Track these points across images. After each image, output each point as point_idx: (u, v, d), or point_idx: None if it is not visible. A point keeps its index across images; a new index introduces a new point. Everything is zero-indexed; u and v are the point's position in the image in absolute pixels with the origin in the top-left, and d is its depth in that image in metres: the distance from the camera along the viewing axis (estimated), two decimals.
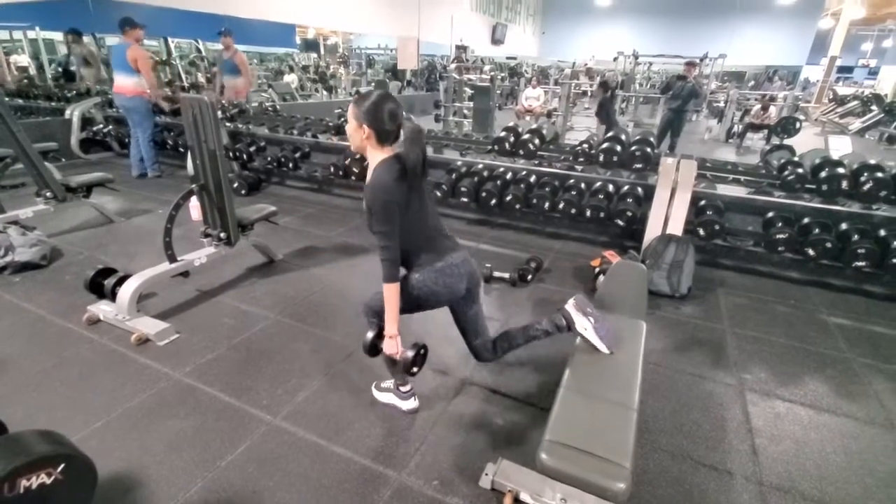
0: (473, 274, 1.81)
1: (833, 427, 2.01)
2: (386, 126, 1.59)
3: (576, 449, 1.29)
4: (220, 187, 2.76)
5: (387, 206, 1.56)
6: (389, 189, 1.56)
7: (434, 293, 1.71)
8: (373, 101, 1.57)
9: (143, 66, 4.85)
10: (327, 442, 1.82)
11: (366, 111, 1.57)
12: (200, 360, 2.27)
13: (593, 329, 1.76)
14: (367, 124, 1.58)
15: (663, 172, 3.28)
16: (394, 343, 1.70)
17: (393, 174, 1.58)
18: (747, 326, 2.77)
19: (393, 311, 1.66)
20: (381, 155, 1.63)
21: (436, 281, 1.69)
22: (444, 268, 1.70)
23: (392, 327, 1.68)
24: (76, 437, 1.78)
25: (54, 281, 2.99)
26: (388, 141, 1.63)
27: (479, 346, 1.96)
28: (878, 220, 3.23)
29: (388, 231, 1.58)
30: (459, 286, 1.75)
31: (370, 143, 1.62)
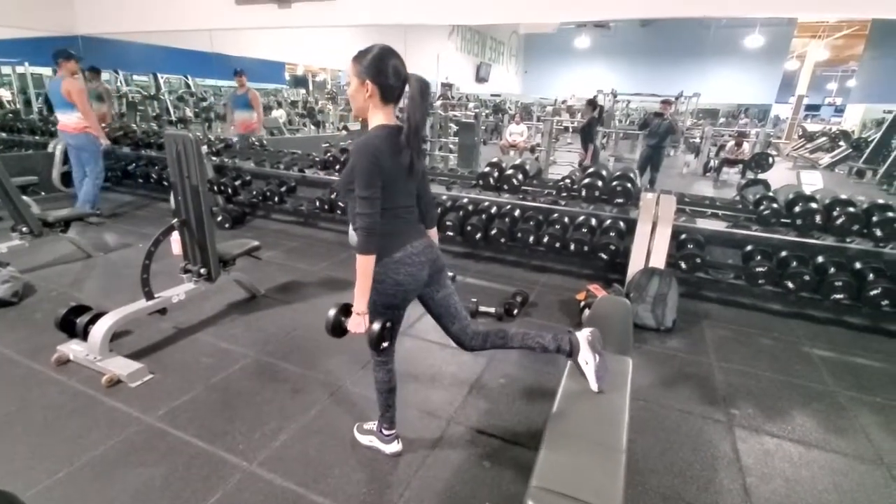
0: (436, 260, 1.70)
1: (823, 464, 1.99)
2: (390, 81, 1.47)
3: (564, 495, 1.25)
4: (202, 223, 2.73)
5: (372, 168, 1.44)
6: (379, 151, 1.46)
7: (398, 283, 1.59)
8: (375, 55, 1.46)
9: (77, 98, 4.55)
10: (306, 490, 1.73)
11: (368, 65, 1.46)
12: (174, 403, 2.17)
13: (595, 367, 1.70)
14: (371, 79, 1.46)
15: (644, 207, 3.35)
16: (361, 321, 1.54)
17: (388, 139, 1.49)
18: (733, 360, 2.77)
19: (363, 285, 1.51)
20: (381, 118, 1.52)
21: (396, 270, 1.57)
22: (404, 258, 1.58)
23: (361, 304, 1.53)
24: (37, 489, 1.67)
25: (24, 319, 2.88)
26: (392, 99, 1.52)
27: (457, 331, 1.80)
28: (852, 253, 3.31)
29: (369, 196, 1.45)
30: (422, 274, 1.64)
31: (373, 103, 1.50)
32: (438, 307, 1.77)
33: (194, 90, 10.66)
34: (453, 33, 17.42)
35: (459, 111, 10.38)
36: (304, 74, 15.36)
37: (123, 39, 7.84)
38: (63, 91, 4.50)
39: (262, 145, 6.28)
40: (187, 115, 9.91)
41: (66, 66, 4.55)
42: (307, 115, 12.00)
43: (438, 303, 1.76)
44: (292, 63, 14.03)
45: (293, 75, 14.79)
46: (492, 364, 2.60)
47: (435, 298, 1.75)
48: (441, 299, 1.76)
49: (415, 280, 1.63)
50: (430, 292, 1.74)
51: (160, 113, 9.66)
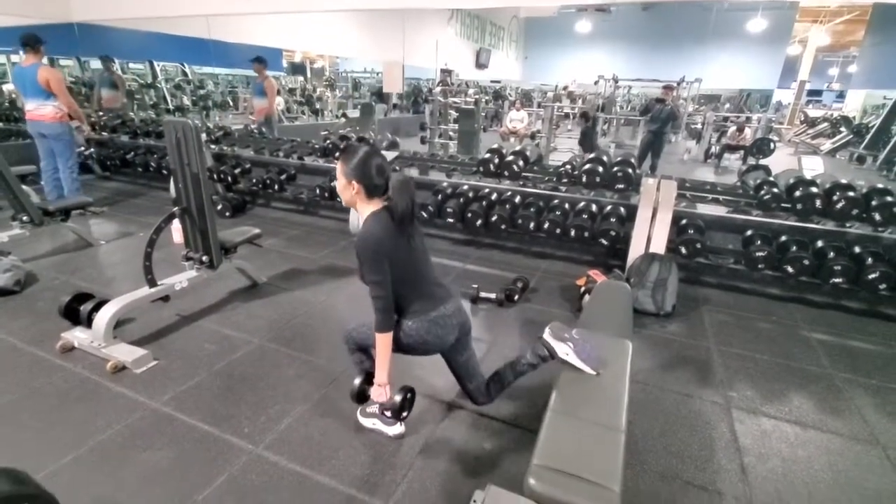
0: (465, 323, 1.84)
1: (819, 444, 2.02)
2: (374, 181, 1.63)
3: (564, 473, 1.27)
4: (203, 210, 2.73)
5: (376, 256, 1.59)
6: (379, 240, 1.59)
7: (424, 342, 1.72)
8: (360, 159, 1.62)
9: (56, 87, 4.35)
10: (311, 471, 1.76)
11: (354, 168, 1.62)
12: (179, 388, 2.20)
13: (574, 353, 1.76)
14: (357, 180, 1.62)
15: (645, 193, 3.35)
16: (383, 391, 1.71)
17: (382, 225, 1.62)
18: (732, 343, 2.79)
19: (384, 359, 1.67)
20: (370, 208, 1.67)
21: (428, 330, 1.70)
22: (438, 318, 1.71)
23: (382, 375, 1.69)
24: (45, 473, 1.70)
25: (27, 307, 2.90)
26: (377, 194, 1.67)
27: (473, 390, 1.96)
28: (851, 238, 3.32)
29: (379, 281, 1.60)
30: (449, 337, 1.77)
31: (360, 198, 1.66)
32: (460, 368, 1.92)
33: (191, 78, 10.57)
34: (452, 18, 17.18)
35: (459, 98, 10.30)
36: (302, 61, 15.21)
37: (119, 26, 7.75)
38: (41, 79, 4.25)
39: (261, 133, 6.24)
40: (185, 104, 9.84)
41: (39, 53, 4.32)
42: (305, 102, 11.90)
43: (462, 365, 1.91)
44: (290, 50, 13.87)
45: (291, 62, 14.64)
46: (493, 349, 2.62)
47: (458, 361, 1.90)
48: (464, 362, 1.91)
49: (441, 342, 1.76)
50: (455, 355, 1.88)
51: (157, 101, 9.59)
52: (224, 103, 10.74)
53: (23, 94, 4.53)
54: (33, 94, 4.35)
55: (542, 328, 1.92)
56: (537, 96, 15.34)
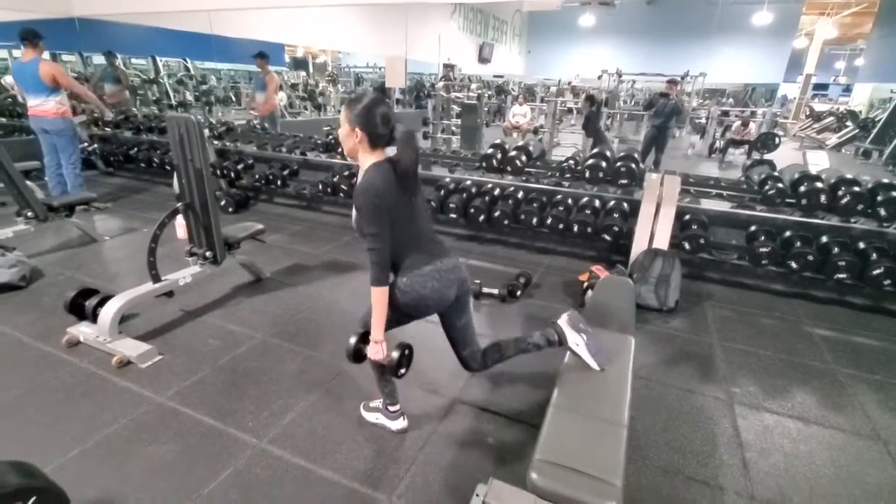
0: (464, 282, 1.77)
1: (821, 439, 2.02)
2: (378, 130, 1.56)
3: (566, 468, 1.28)
4: (207, 206, 2.74)
5: (376, 209, 1.53)
6: (379, 192, 1.53)
7: (422, 297, 1.66)
8: (365, 105, 1.55)
9: (64, 80, 4.40)
10: (314, 465, 1.77)
11: (358, 115, 1.55)
12: (184, 383, 2.21)
13: (585, 346, 1.75)
14: (360, 128, 1.55)
15: (648, 188, 3.33)
16: (379, 348, 1.64)
17: (383, 177, 1.56)
18: (735, 339, 2.79)
19: (380, 315, 1.61)
20: (372, 158, 1.61)
21: (424, 285, 1.64)
22: (433, 272, 1.65)
23: (378, 332, 1.63)
24: (52, 466, 1.72)
25: (33, 302, 2.92)
26: (381, 144, 1.60)
27: (467, 356, 1.90)
28: (856, 233, 3.30)
29: (377, 233, 1.54)
30: (448, 292, 1.71)
31: (362, 147, 1.60)
32: (457, 332, 1.87)
33: (194, 73, 10.56)
34: (455, 13, 17.08)
35: (462, 93, 10.26)
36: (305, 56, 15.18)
37: (121, 21, 7.74)
38: (43, 75, 4.25)
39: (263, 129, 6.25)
40: (187, 99, 9.84)
41: (40, 48, 4.30)
42: (308, 97, 11.89)
43: (459, 328, 1.86)
44: (292, 45, 13.84)
45: (293, 57, 14.62)
46: None
47: (457, 324, 1.85)
48: (462, 326, 1.86)
49: (440, 297, 1.70)
50: (452, 316, 1.83)
51: (160, 97, 9.59)
52: (227, 98, 10.74)
53: (24, 91, 4.51)
54: (35, 91, 4.34)
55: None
56: (540, 91, 15.27)
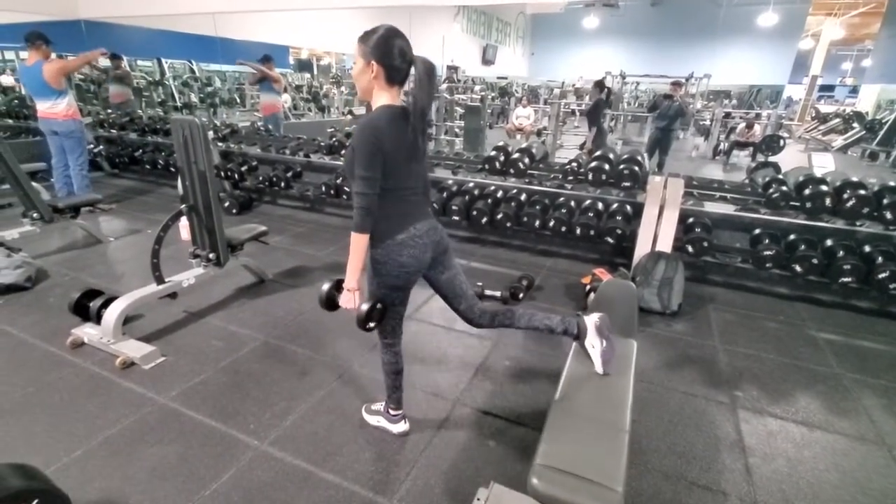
0: (440, 242, 1.70)
1: (825, 444, 2.01)
2: (396, 62, 1.45)
3: (567, 473, 1.27)
4: (210, 208, 2.75)
5: (373, 147, 1.44)
6: (381, 132, 1.45)
7: (401, 265, 1.60)
8: (381, 35, 1.44)
9: (71, 66, 4.45)
10: (316, 468, 1.78)
11: (374, 46, 1.44)
12: (186, 384, 2.22)
13: (601, 351, 1.72)
14: (376, 60, 1.45)
15: (651, 191, 3.32)
16: (352, 297, 1.58)
17: (390, 119, 1.47)
18: (738, 343, 2.78)
19: (356, 262, 1.54)
20: (386, 98, 1.51)
21: (400, 252, 1.58)
22: (406, 239, 1.58)
23: (352, 280, 1.56)
24: (56, 466, 1.73)
25: (38, 303, 2.94)
26: (398, 80, 1.50)
27: (465, 310, 1.81)
28: (861, 237, 3.28)
29: (369, 177, 1.46)
30: (425, 256, 1.64)
31: (378, 84, 1.49)
32: (445, 288, 1.79)
33: (199, 75, 10.62)
34: (459, 14, 17.11)
35: (465, 94, 10.27)
36: (309, 58, 15.22)
37: (127, 24, 7.80)
38: (47, 77, 4.26)
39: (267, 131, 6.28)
40: (192, 101, 9.89)
41: (42, 50, 4.30)
42: (312, 99, 11.92)
43: (444, 284, 1.78)
44: (296, 47, 13.89)
45: (298, 59, 14.66)
46: (497, 347, 2.63)
47: (441, 280, 1.77)
48: (447, 280, 1.77)
49: (418, 262, 1.63)
50: (435, 274, 1.76)
51: (165, 99, 9.65)
52: (231, 100, 10.78)
53: (32, 94, 4.56)
54: (42, 94, 4.39)
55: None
56: (544, 93, 15.26)
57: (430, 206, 1.78)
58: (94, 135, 6.30)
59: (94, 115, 6.59)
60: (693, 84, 12.26)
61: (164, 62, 10.12)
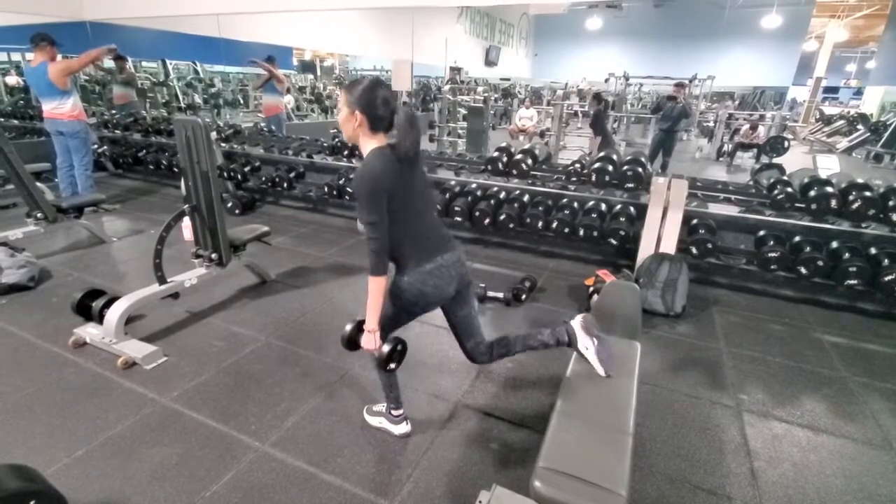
0: (464, 276, 1.74)
1: (832, 448, 1.98)
2: (379, 112, 1.52)
3: (570, 476, 1.26)
4: (213, 208, 2.75)
5: (374, 195, 1.48)
6: (377, 177, 1.49)
7: (423, 294, 1.63)
8: (365, 87, 1.52)
9: (76, 66, 4.46)
10: (317, 469, 1.77)
11: (358, 97, 1.51)
12: (188, 385, 2.22)
13: (595, 351, 1.71)
14: (360, 110, 1.51)
15: (655, 192, 3.31)
16: (372, 338, 1.61)
17: (383, 163, 1.51)
18: (743, 345, 2.76)
19: (375, 304, 1.58)
20: (373, 143, 1.56)
21: (424, 282, 1.62)
22: (434, 269, 1.62)
23: (372, 321, 1.60)
24: (56, 467, 1.73)
25: (41, 303, 2.94)
26: (382, 128, 1.56)
27: (471, 348, 1.85)
28: (867, 239, 3.25)
29: (376, 221, 1.50)
30: (449, 288, 1.68)
31: (362, 131, 1.55)
32: (460, 324, 1.83)
33: (203, 76, 10.65)
34: (462, 16, 17.11)
35: (468, 96, 10.26)
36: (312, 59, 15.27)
37: (131, 25, 7.82)
38: (52, 77, 4.28)
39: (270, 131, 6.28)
40: (196, 102, 9.92)
41: (50, 52, 4.31)
42: (315, 100, 11.95)
43: (461, 319, 1.82)
44: (300, 48, 13.93)
45: (301, 60, 14.70)
46: None
47: (458, 315, 1.81)
48: (463, 317, 1.82)
49: (440, 293, 1.67)
50: (454, 308, 1.79)
51: (169, 99, 9.68)
52: (235, 101, 10.81)
53: (38, 95, 4.58)
54: (48, 94, 4.42)
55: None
56: (547, 94, 15.25)
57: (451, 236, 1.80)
58: (98, 135, 6.32)
59: (98, 116, 6.62)
60: (697, 85, 12.23)
61: (169, 63, 10.16)
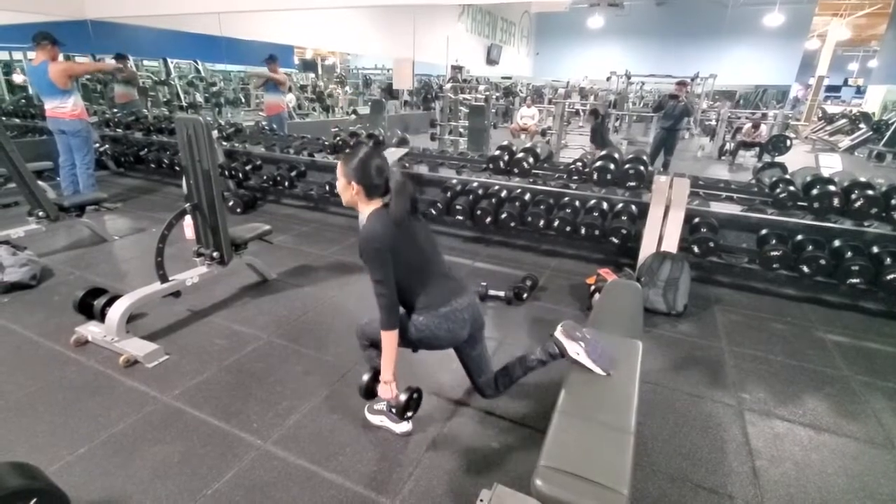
0: (477, 319, 1.83)
1: (833, 447, 1.98)
2: (374, 181, 1.65)
3: (572, 475, 1.26)
4: (214, 207, 2.75)
5: (378, 254, 1.60)
6: (379, 237, 1.60)
7: (436, 337, 1.73)
8: (360, 159, 1.65)
9: (77, 71, 4.49)
10: (318, 467, 1.77)
11: (354, 169, 1.65)
12: (190, 383, 2.22)
13: (585, 353, 1.72)
14: (356, 181, 1.65)
15: (657, 190, 3.30)
16: (389, 388, 1.73)
17: (382, 223, 1.63)
18: (744, 344, 2.75)
19: (390, 356, 1.68)
20: (371, 207, 1.69)
21: (438, 326, 1.71)
22: (449, 313, 1.71)
23: (388, 373, 1.71)
24: (58, 465, 1.73)
25: (43, 301, 2.95)
26: (377, 194, 1.69)
27: (482, 384, 1.97)
28: (870, 237, 3.24)
29: (382, 279, 1.62)
30: (462, 332, 1.77)
31: (360, 199, 1.69)
32: (472, 363, 1.93)
33: (204, 75, 10.66)
34: (463, 14, 17.09)
35: (469, 94, 10.25)
36: (313, 58, 15.25)
37: (133, 24, 7.83)
38: (53, 77, 4.29)
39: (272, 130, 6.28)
40: (197, 101, 9.93)
41: (51, 51, 4.31)
42: (316, 99, 11.94)
43: (473, 359, 1.92)
44: (301, 47, 13.91)
45: (302, 59, 14.69)
46: (502, 346, 2.61)
47: (471, 355, 1.91)
48: (476, 356, 1.92)
49: (453, 337, 1.76)
50: (467, 348, 1.89)
51: (171, 98, 9.69)
52: (236, 100, 10.82)
53: (39, 93, 4.61)
54: (49, 93, 4.43)
55: (551, 327, 1.91)
56: (548, 93, 15.22)
57: (463, 281, 1.89)
58: (99, 134, 6.33)
59: (100, 115, 6.62)
60: (699, 84, 12.20)
61: (170, 62, 10.16)
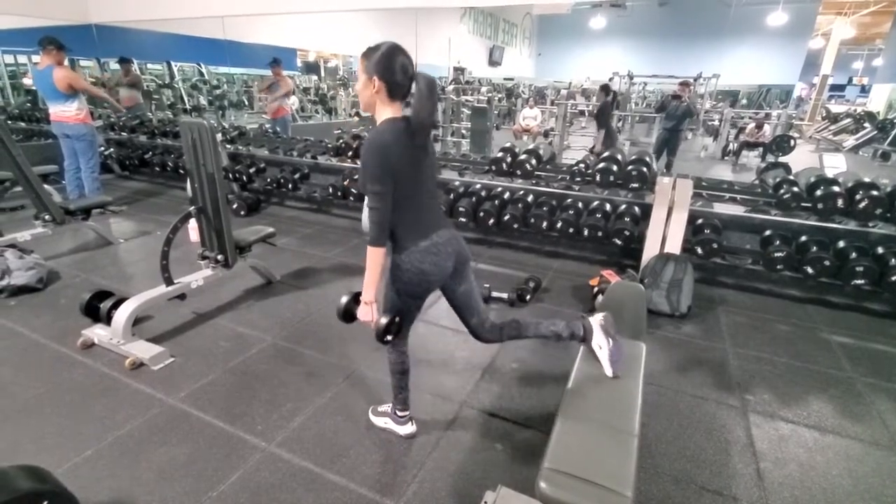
0: (461, 252, 1.72)
1: (838, 449, 1.97)
2: (397, 78, 1.48)
3: (576, 477, 1.26)
4: (219, 210, 2.77)
5: (381, 165, 1.47)
6: (387, 147, 1.47)
7: (423, 272, 1.61)
8: (384, 53, 1.47)
9: (80, 85, 4.51)
10: (322, 469, 1.78)
11: (376, 63, 1.47)
12: (195, 385, 2.24)
13: (608, 351, 1.70)
14: (378, 76, 1.47)
15: (660, 192, 3.30)
16: (369, 310, 1.61)
17: (395, 133, 1.49)
18: (748, 346, 2.74)
19: (372, 275, 1.57)
20: (389, 112, 1.53)
21: (422, 260, 1.60)
22: (430, 247, 1.61)
23: (369, 293, 1.59)
24: (66, 467, 1.75)
25: (50, 304, 2.97)
26: (399, 96, 1.52)
27: (476, 325, 1.83)
28: (874, 238, 3.23)
29: (380, 191, 1.48)
30: (447, 264, 1.66)
31: (380, 99, 1.52)
32: (460, 301, 1.80)
33: (207, 78, 10.70)
34: (465, 16, 17.13)
35: (472, 96, 10.26)
36: (316, 61, 15.28)
37: (137, 27, 7.88)
38: (57, 81, 4.34)
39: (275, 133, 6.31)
40: (201, 104, 9.97)
41: (57, 56, 4.35)
42: (319, 101, 11.97)
43: (461, 296, 1.79)
44: (304, 49, 13.96)
45: (305, 62, 14.72)
46: (504, 349, 2.61)
47: (457, 292, 1.79)
48: (463, 293, 1.79)
49: (440, 270, 1.65)
50: (453, 285, 1.77)
51: (174, 101, 9.74)
52: (239, 103, 10.86)
53: (44, 97, 4.64)
54: (53, 97, 4.47)
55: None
56: (551, 94, 15.21)
57: (444, 213, 1.77)
58: (104, 137, 6.37)
59: (104, 119, 6.67)
60: (702, 84, 12.17)
61: (174, 65, 10.21)
